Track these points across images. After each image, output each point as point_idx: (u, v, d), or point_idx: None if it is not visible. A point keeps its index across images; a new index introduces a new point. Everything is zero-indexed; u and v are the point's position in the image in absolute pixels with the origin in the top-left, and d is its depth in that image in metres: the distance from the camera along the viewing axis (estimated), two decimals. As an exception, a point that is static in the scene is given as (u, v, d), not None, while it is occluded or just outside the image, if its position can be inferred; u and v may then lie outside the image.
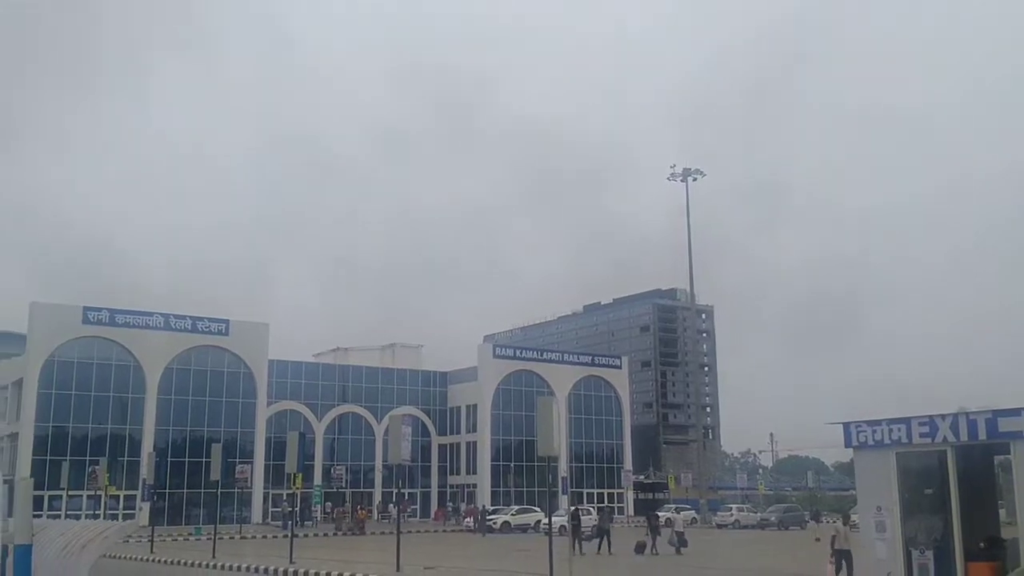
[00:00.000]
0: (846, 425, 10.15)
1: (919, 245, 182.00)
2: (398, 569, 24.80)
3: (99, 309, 60.29)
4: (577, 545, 33.48)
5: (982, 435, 9.08)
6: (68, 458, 52.45)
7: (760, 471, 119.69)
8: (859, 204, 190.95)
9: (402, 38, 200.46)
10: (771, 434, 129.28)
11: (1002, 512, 10.71)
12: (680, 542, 34.30)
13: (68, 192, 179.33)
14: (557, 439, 22.91)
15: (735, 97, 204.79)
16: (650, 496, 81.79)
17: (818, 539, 38.75)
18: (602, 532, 35.90)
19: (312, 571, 26.21)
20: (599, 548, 34.70)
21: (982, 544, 9.03)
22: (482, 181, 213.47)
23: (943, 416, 9.40)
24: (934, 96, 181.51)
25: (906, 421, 9.65)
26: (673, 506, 63.08)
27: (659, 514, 41.74)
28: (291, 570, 27.00)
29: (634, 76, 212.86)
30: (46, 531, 5.26)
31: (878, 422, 9.88)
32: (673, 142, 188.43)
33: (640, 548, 34.27)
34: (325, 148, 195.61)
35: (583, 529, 36.59)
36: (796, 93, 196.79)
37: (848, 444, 10.12)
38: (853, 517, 33.26)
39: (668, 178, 70.38)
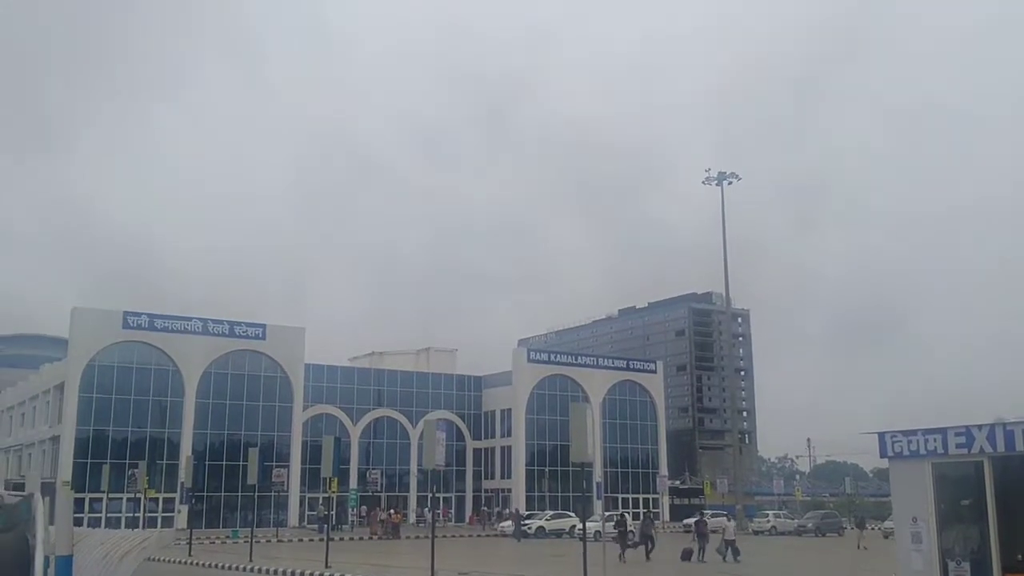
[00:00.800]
0: (881, 435, 10.05)
1: (963, 251, 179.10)
2: (432, 574, 24.86)
3: (139, 314, 61.16)
4: (622, 552, 33.22)
5: (1020, 446, 8.95)
6: (108, 461, 53.23)
7: (797, 477, 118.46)
8: (901, 208, 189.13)
9: (441, 42, 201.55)
10: (808, 439, 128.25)
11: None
12: (733, 551, 33.37)
13: (109, 198, 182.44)
14: (591, 445, 22.86)
15: (775, 98, 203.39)
16: (686, 502, 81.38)
17: (865, 547, 38.48)
18: (646, 538, 35.24)
19: (347, 575, 26.39)
20: (647, 555, 34.05)
21: (1020, 556, 8.91)
22: (519, 185, 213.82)
23: (979, 427, 9.28)
24: (983, 97, 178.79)
25: (942, 431, 9.53)
26: (710, 511, 62.73)
27: (708, 520, 40.51)
28: (327, 574, 27.20)
29: (672, 77, 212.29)
30: (86, 540, 5.36)
31: (913, 432, 9.78)
32: (711, 144, 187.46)
33: (687, 555, 33.39)
34: (364, 152, 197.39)
35: (629, 535, 35.67)
36: (838, 93, 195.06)
37: (883, 454, 10.02)
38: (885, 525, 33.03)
39: (703, 182, 70.00)
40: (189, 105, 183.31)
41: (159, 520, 54.04)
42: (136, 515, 53.34)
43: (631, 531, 36.17)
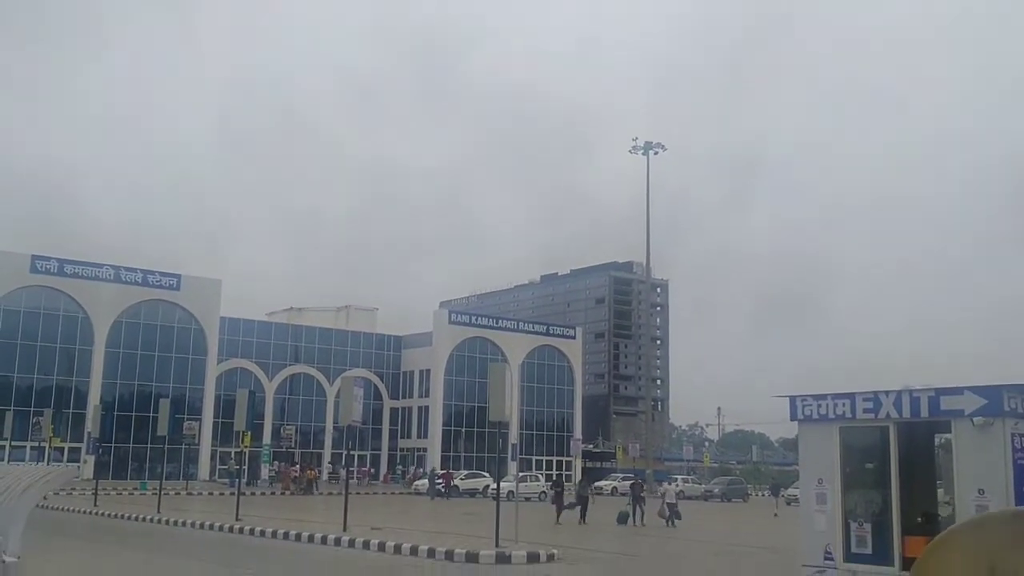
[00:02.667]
0: (792, 398, 10.30)
1: (883, 235, 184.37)
2: (345, 529, 24.82)
3: (48, 258, 59.22)
4: (559, 514, 32.56)
5: (924, 412, 9.26)
6: (12, 408, 51.63)
7: (706, 444, 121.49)
8: (826, 187, 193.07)
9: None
10: (718, 408, 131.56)
11: (940, 492, 10.97)
12: (673, 514, 32.03)
13: (20, 138, 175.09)
14: (508, 405, 23.06)
15: (711, 71, 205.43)
16: (598, 465, 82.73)
17: (776, 514, 39.51)
18: (582, 500, 34.29)
19: (258, 529, 26.15)
20: (582, 517, 32.97)
21: (919, 519, 9.25)
22: (449, 144, 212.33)
23: (887, 392, 9.58)
24: (917, 74, 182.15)
25: (851, 396, 9.81)
26: (620, 475, 63.88)
27: (643, 483, 39.20)
28: (237, 527, 26.91)
29: (608, 46, 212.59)
30: (-15, 475, 5.21)
31: (823, 396, 10.04)
32: (643, 114, 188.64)
33: (623, 518, 32.38)
34: (291, 105, 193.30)
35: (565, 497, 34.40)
36: (773, 68, 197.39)
37: (793, 417, 10.27)
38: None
39: (630, 151, 70.51)
40: (110, 47, 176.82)
41: (64, 470, 52.61)
42: (40, 464, 51.95)
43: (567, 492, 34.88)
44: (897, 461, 9.52)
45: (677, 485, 39.03)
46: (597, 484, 54.83)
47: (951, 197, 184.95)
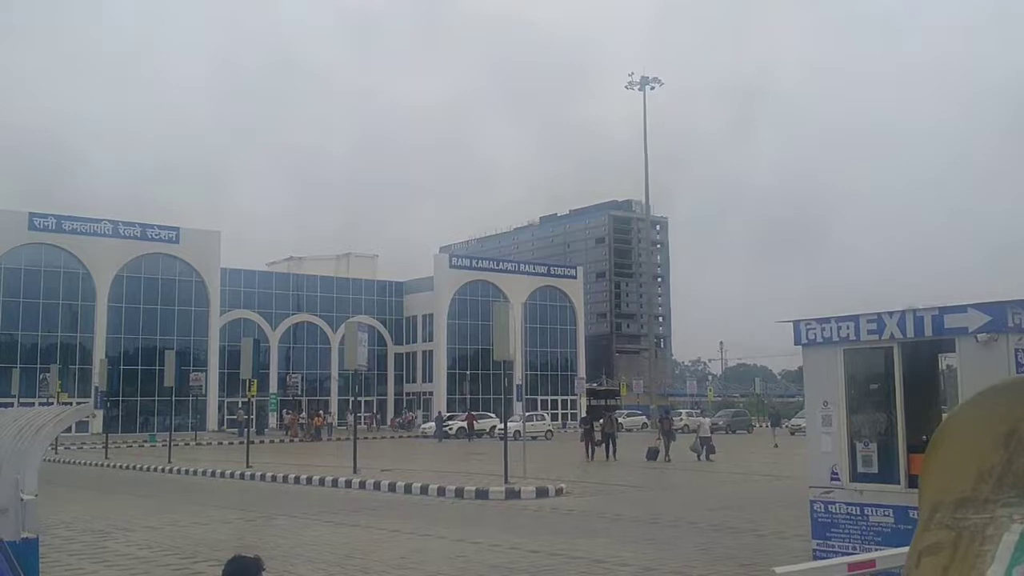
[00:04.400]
0: (796, 323, 10.32)
1: (886, 155, 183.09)
2: (355, 471, 25.12)
3: (45, 215, 59.10)
4: (590, 452, 32.41)
5: (928, 331, 9.27)
6: (18, 366, 51.90)
7: (710, 379, 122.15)
8: (829, 118, 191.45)
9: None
10: (721, 343, 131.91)
11: (944, 413, 11.02)
12: (708, 449, 31.31)
13: (15, 92, 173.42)
14: (512, 344, 23.16)
15: (708, 2, 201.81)
16: (602, 403, 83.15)
17: (776, 445, 39.82)
18: (607, 437, 33.46)
19: (269, 475, 26.48)
20: (608, 454, 32.53)
21: (924, 438, 9.30)
22: (447, 81, 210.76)
23: (890, 313, 9.59)
24: (922, 6, 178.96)
25: (854, 318, 9.82)
26: (625, 411, 64.37)
27: (673, 417, 38.04)
28: (248, 474, 27.25)
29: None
30: (-1, 418, 5.26)
31: (827, 320, 10.06)
32: (643, 45, 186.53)
33: (653, 454, 31.63)
34: (286, 47, 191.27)
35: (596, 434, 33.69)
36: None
37: (797, 341, 10.30)
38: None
39: (626, 86, 69.93)
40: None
41: (73, 425, 53.02)
42: (53, 405, 52.36)
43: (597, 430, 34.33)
44: (902, 381, 9.57)
45: (708, 419, 38.11)
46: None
47: (955, 122, 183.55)
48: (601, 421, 34.38)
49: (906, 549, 2.50)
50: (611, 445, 33.06)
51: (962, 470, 2.29)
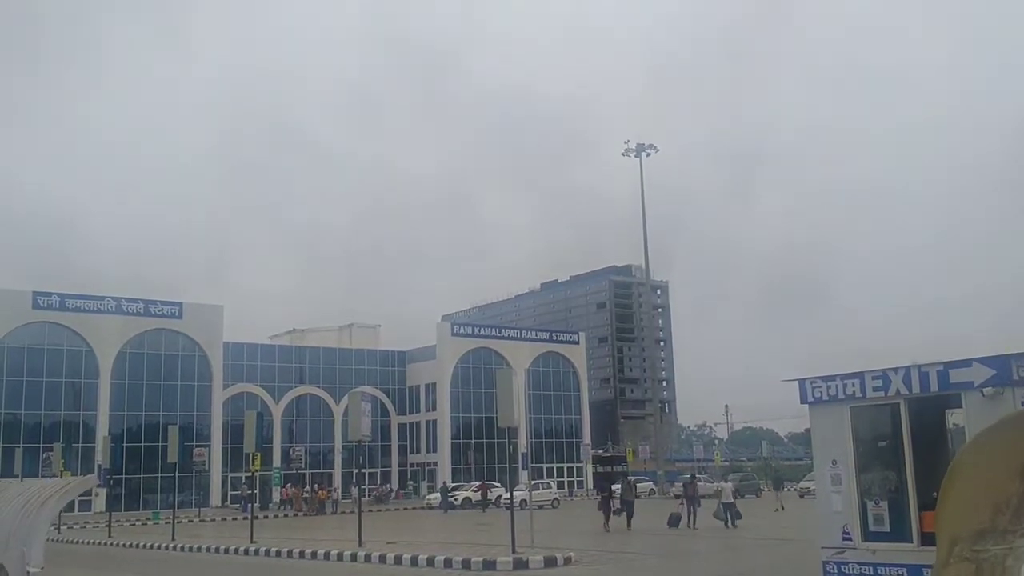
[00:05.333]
0: (801, 381, 10.32)
1: (886, 216, 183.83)
2: (360, 544, 24.81)
3: (49, 294, 59.32)
4: (607, 520, 30.89)
5: (934, 387, 9.28)
6: (21, 445, 51.55)
7: (716, 442, 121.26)
8: (827, 178, 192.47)
9: (370, 7, 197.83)
10: (726, 406, 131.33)
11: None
12: (734, 515, 30.16)
13: (15, 173, 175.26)
14: (517, 410, 23.07)
15: (704, 60, 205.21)
16: (609, 469, 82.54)
17: (778, 509, 39.33)
18: (627, 505, 32.19)
19: (274, 550, 26.13)
20: (628, 523, 31.20)
21: (935, 495, 9.21)
22: (445, 158, 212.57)
23: (895, 369, 9.60)
24: (917, 55, 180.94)
25: (859, 375, 9.83)
26: (633, 477, 63.62)
27: (698, 483, 36.38)
28: (252, 549, 26.90)
29: (602, 45, 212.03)
30: (5, 491, 5.20)
31: (832, 377, 10.07)
32: (639, 111, 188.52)
33: (675, 521, 30.60)
34: (287, 121, 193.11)
35: (613, 502, 32.45)
36: (768, 54, 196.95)
37: (803, 400, 10.29)
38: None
39: (623, 154, 70.52)
40: (102, 71, 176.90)
41: (76, 504, 52.58)
42: (57, 478, 51.85)
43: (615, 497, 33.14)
44: (910, 437, 9.54)
45: (732, 483, 36.16)
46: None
47: (953, 182, 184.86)
48: (620, 487, 33.38)
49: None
50: (630, 512, 31.89)
51: (979, 503, 2.32)
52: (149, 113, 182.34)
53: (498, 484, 57.86)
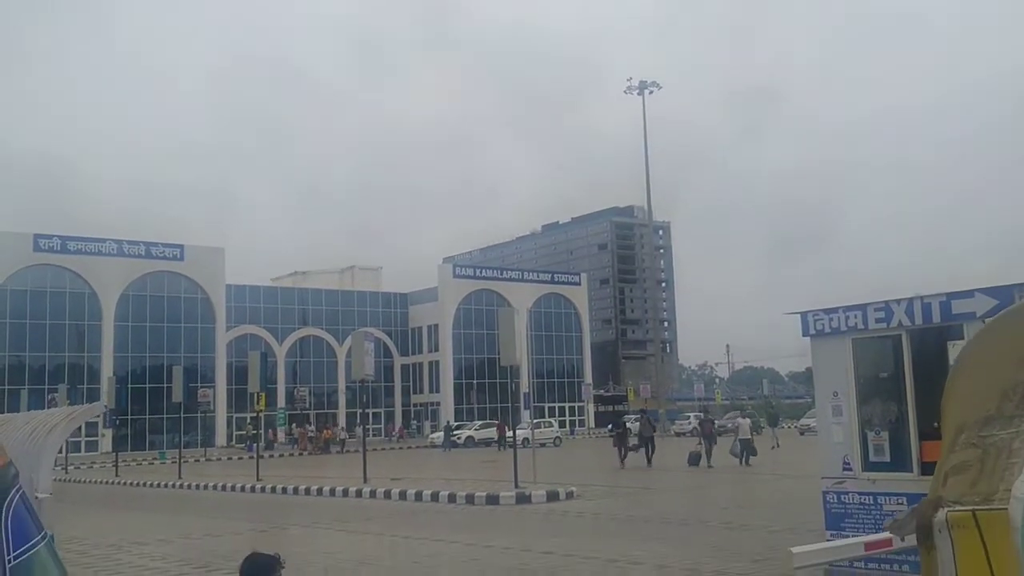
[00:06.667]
0: (803, 314, 10.32)
1: (889, 156, 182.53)
2: (365, 481, 25.11)
3: (50, 236, 59.23)
4: (623, 457, 30.75)
5: (936, 318, 9.26)
6: (26, 387, 52.01)
7: (717, 382, 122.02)
8: (831, 116, 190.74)
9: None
10: (727, 346, 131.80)
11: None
12: (748, 451, 29.75)
13: (17, 115, 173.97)
14: (519, 349, 23.20)
15: (709, 1, 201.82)
16: (610, 409, 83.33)
17: (774, 446, 39.61)
18: (646, 441, 31.37)
19: (279, 487, 26.47)
20: (648, 460, 30.62)
21: (936, 424, 9.26)
22: (447, 93, 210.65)
23: (898, 301, 9.59)
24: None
25: (862, 307, 9.82)
26: (633, 416, 64.15)
27: (715, 421, 36.12)
28: (258, 487, 27.25)
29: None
30: (10, 423, 5.22)
31: (834, 310, 10.06)
32: (645, 49, 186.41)
33: (694, 459, 29.83)
34: (288, 61, 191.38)
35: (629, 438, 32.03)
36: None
37: (805, 333, 10.29)
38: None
39: (625, 91, 69.75)
40: (101, 13, 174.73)
41: (82, 444, 53.17)
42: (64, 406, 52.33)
43: (631, 433, 32.86)
44: (911, 368, 9.55)
45: (749, 420, 35.28)
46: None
47: (960, 116, 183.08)
48: (638, 423, 32.78)
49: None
50: (649, 449, 31.03)
51: (985, 391, 2.31)
52: (149, 54, 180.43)
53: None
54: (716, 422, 38.02)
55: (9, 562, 1.99)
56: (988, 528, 2.11)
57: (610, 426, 33.94)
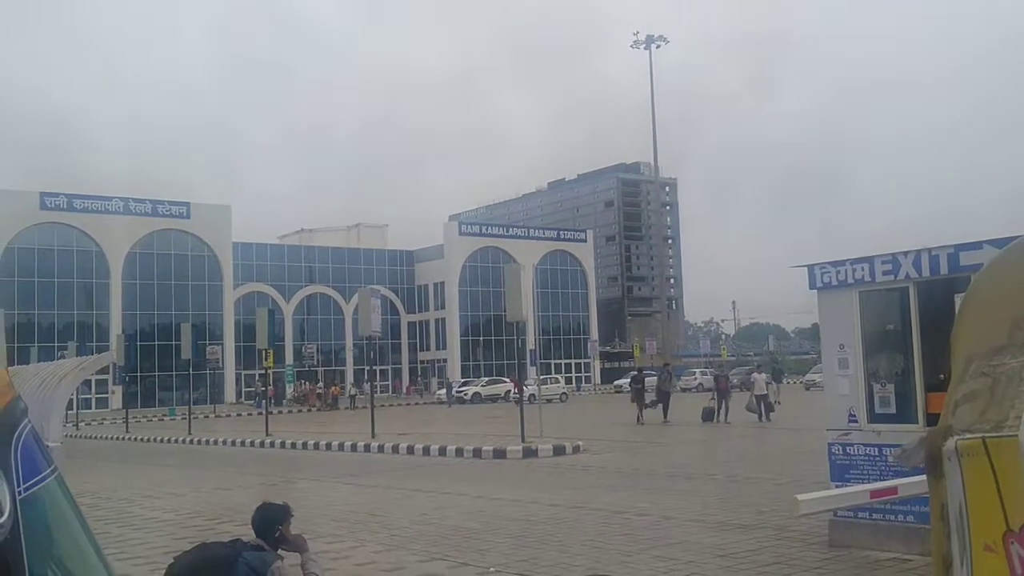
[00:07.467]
0: (810, 267, 10.29)
1: (897, 109, 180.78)
2: (373, 436, 25.32)
3: (56, 194, 59.26)
4: (640, 412, 30.18)
5: (944, 270, 9.23)
6: (36, 345, 52.18)
7: (723, 338, 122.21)
8: (837, 72, 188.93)
9: None
10: (733, 302, 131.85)
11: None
12: (767, 406, 28.96)
13: (21, 72, 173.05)
14: (525, 305, 23.21)
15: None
16: (616, 365, 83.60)
17: (778, 402, 39.55)
18: (663, 396, 31.01)
19: (288, 442, 26.70)
20: (665, 415, 30.16)
21: (941, 376, 9.29)
22: (454, 46, 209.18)
23: (905, 253, 9.55)
24: None
25: (869, 260, 9.79)
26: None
27: (729, 376, 35.62)
28: (268, 442, 27.49)
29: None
30: (20, 374, 5.27)
31: (841, 262, 10.03)
32: (650, 4, 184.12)
33: (708, 415, 29.27)
34: (293, 14, 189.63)
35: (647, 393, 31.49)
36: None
37: (812, 286, 10.27)
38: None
39: (631, 46, 69.24)
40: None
41: (93, 401, 53.67)
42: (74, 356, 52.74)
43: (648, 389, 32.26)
44: (918, 321, 9.54)
45: (765, 375, 33.79)
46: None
47: (973, 70, 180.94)
48: (657, 378, 32.28)
49: (925, 477, 2.53)
50: (667, 404, 30.58)
51: (996, 322, 2.30)
52: (152, 11, 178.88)
53: (506, 380, 58.50)
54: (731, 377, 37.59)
55: (20, 494, 2.02)
56: (998, 455, 2.12)
57: (630, 379, 33.48)
